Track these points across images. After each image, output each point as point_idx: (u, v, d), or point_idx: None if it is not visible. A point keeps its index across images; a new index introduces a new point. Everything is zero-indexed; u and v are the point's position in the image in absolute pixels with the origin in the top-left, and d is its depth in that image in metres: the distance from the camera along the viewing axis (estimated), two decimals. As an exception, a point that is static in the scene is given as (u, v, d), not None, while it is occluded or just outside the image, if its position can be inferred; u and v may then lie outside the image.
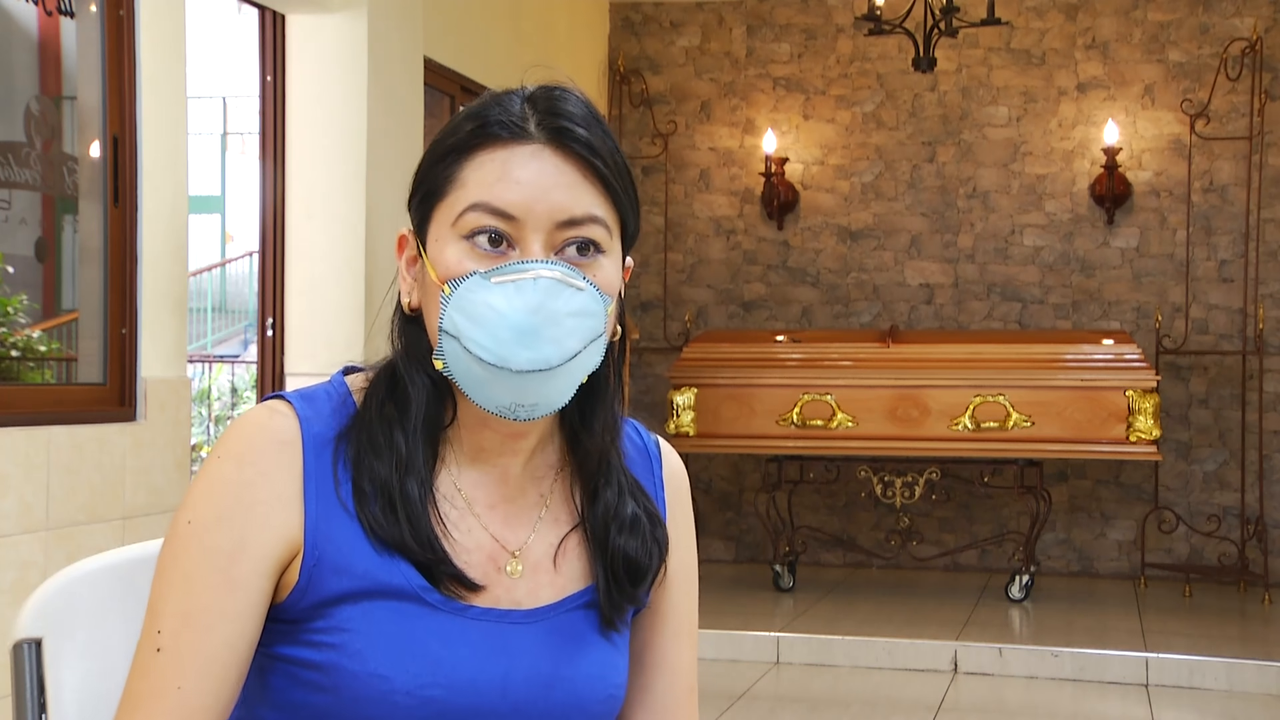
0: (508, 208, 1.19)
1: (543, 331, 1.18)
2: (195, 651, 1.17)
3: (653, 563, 1.31)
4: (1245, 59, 7.05)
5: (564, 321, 1.19)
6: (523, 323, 1.17)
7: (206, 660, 1.17)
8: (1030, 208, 7.45)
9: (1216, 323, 7.25)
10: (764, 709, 5.04)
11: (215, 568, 1.18)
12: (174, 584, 1.18)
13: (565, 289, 1.18)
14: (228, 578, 1.18)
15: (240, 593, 1.18)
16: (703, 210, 7.78)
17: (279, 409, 1.23)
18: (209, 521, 1.19)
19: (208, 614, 1.17)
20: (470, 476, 1.28)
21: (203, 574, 1.18)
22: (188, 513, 1.20)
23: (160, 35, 3.94)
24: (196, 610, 1.17)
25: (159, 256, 3.94)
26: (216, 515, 1.19)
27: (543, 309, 1.18)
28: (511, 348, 1.17)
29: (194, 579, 1.18)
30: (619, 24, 7.87)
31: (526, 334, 1.17)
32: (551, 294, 1.18)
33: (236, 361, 11.43)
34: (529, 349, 1.18)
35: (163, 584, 1.19)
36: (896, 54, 7.44)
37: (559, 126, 1.21)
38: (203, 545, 1.18)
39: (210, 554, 1.18)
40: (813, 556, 7.49)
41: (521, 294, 1.17)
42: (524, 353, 1.17)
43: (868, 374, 6.46)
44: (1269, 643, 5.80)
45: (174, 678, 1.16)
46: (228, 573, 1.18)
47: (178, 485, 3.94)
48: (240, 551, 1.18)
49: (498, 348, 1.17)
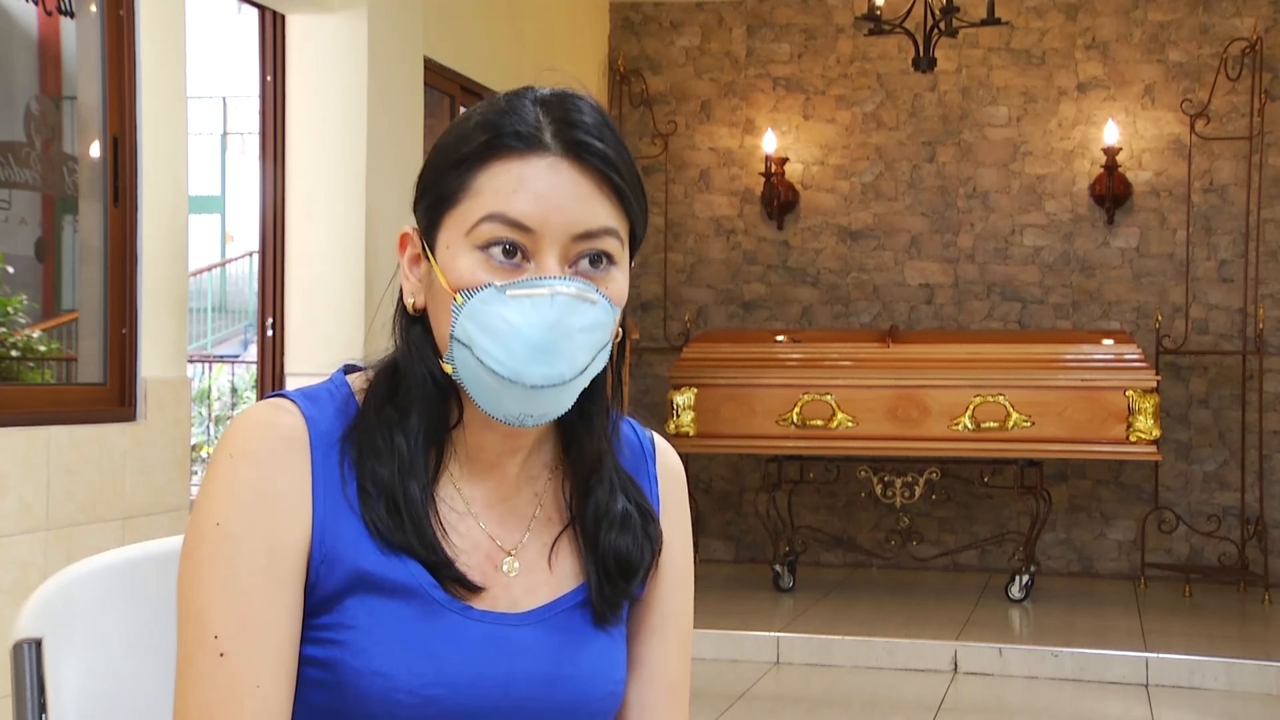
0: (524, 220, 1.19)
1: (557, 347, 1.18)
2: (263, 651, 1.17)
3: (644, 558, 1.31)
4: (1245, 59, 7.05)
5: (577, 337, 1.19)
6: (539, 339, 1.17)
7: (275, 658, 1.17)
8: (1030, 208, 7.44)
9: (1216, 323, 7.25)
10: (764, 709, 5.03)
11: (258, 568, 1.17)
12: (218, 589, 1.17)
13: (580, 304, 1.18)
14: (272, 576, 1.18)
15: (288, 590, 1.19)
16: (703, 210, 7.78)
17: (284, 406, 1.23)
18: (240, 522, 1.18)
19: (263, 614, 1.17)
20: (470, 477, 1.28)
21: (247, 575, 1.17)
22: (213, 515, 1.19)
23: (160, 35, 3.93)
24: (251, 612, 1.17)
25: (159, 256, 3.94)
26: (246, 515, 1.18)
27: (559, 325, 1.18)
28: (526, 363, 1.17)
29: (239, 581, 1.17)
30: (619, 24, 7.87)
31: (542, 350, 1.17)
32: (567, 311, 1.18)
33: (236, 361, 11.44)
34: (543, 365, 1.17)
35: (203, 590, 1.18)
36: (896, 54, 7.44)
37: (575, 139, 1.20)
38: (239, 547, 1.18)
39: (249, 555, 1.18)
40: (813, 556, 7.49)
41: (538, 310, 1.17)
42: (538, 369, 1.17)
43: (868, 374, 6.46)
44: (1269, 643, 5.79)
45: (249, 678, 1.16)
46: (271, 571, 1.18)
47: (178, 485, 3.94)
48: (278, 548, 1.18)
49: (512, 362, 1.17)
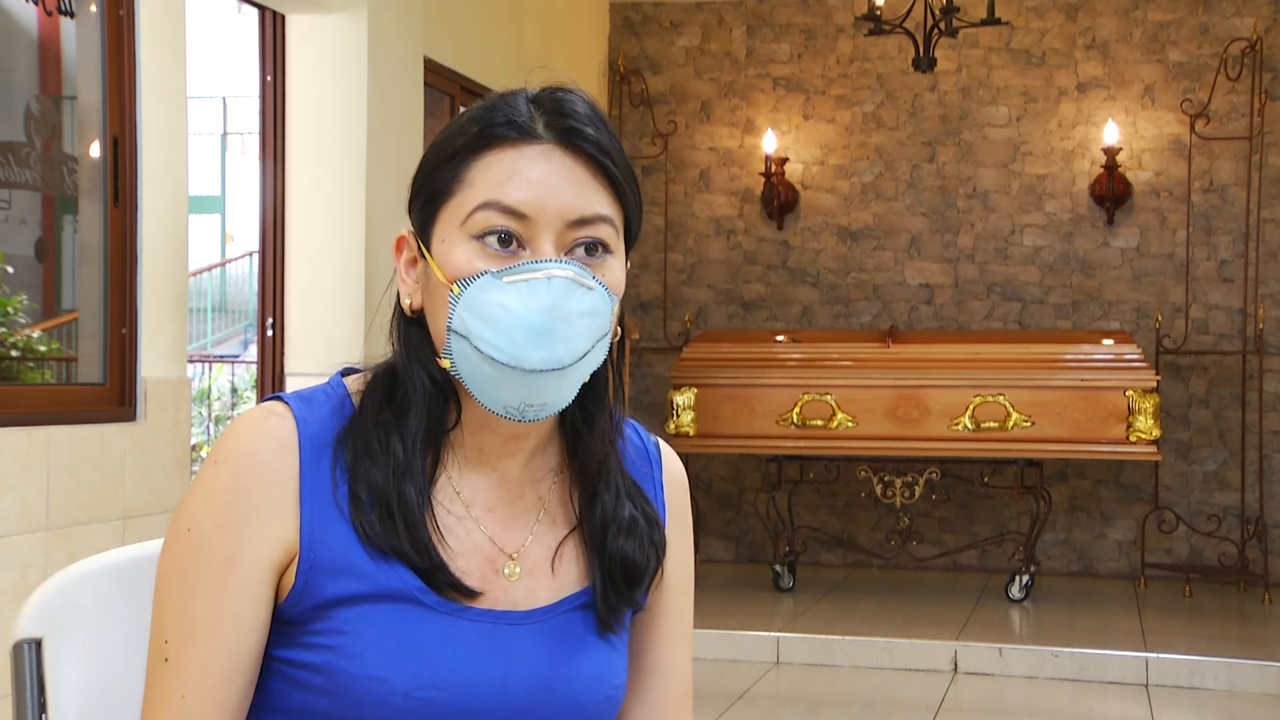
0: (519, 206, 1.19)
1: (555, 331, 1.18)
2: (197, 659, 1.18)
3: (650, 565, 1.31)
4: (1245, 59, 7.05)
5: (575, 321, 1.19)
6: (536, 322, 1.17)
7: (207, 668, 1.18)
8: (1030, 208, 7.44)
9: (1216, 323, 7.25)
10: (764, 709, 5.03)
11: (213, 576, 1.19)
12: (176, 593, 1.19)
13: (577, 288, 1.19)
14: (225, 585, 1.19)
15: (238, 599, 1.19)
16: (703, 210, 7.77)
17: (276, 410, 1.23)
18: (207, 529, 1.19)
19: (207, 622, 1.18)
20: (470, 479, 1.28)
21: (201, 582, 1.18)
22: (186, 520, 1.20)
23: (160, 35, 3.93)
24: (197, 618, 1.18)
25: (159, 256, 3.94)
26: (214, 523, 1.19)
27: (556, 308, 1.18)
28: (524, 347, 1.17)
29: (193, 587, 1.19)
30: (619, 24, 7.87)
31: (540, 333, 1.17)
32: (564, 293, 1.18)
33: (236, 361, 11.43)
34: (542, 348, 1.17)
35: (165, 593, 1.20)
36: (896, 54, 7.44)
37: (568, 126, 1.21)
38: (201, 553, 1.19)
39: (209, 561, 1.19)
40: (813, 556, 7.49)
41: (535, 293, 1.17)
42: (537, 352, 1.17)
43: (868, 374, 6.46)
44: (1269, 643, 5.79)
45: (178, 687, 1.18)
46: (224, 581, 1.19)
47: (178, 485, 3.94)
48: (237, 558, 1.19)
49: (510, 347, 1.17)
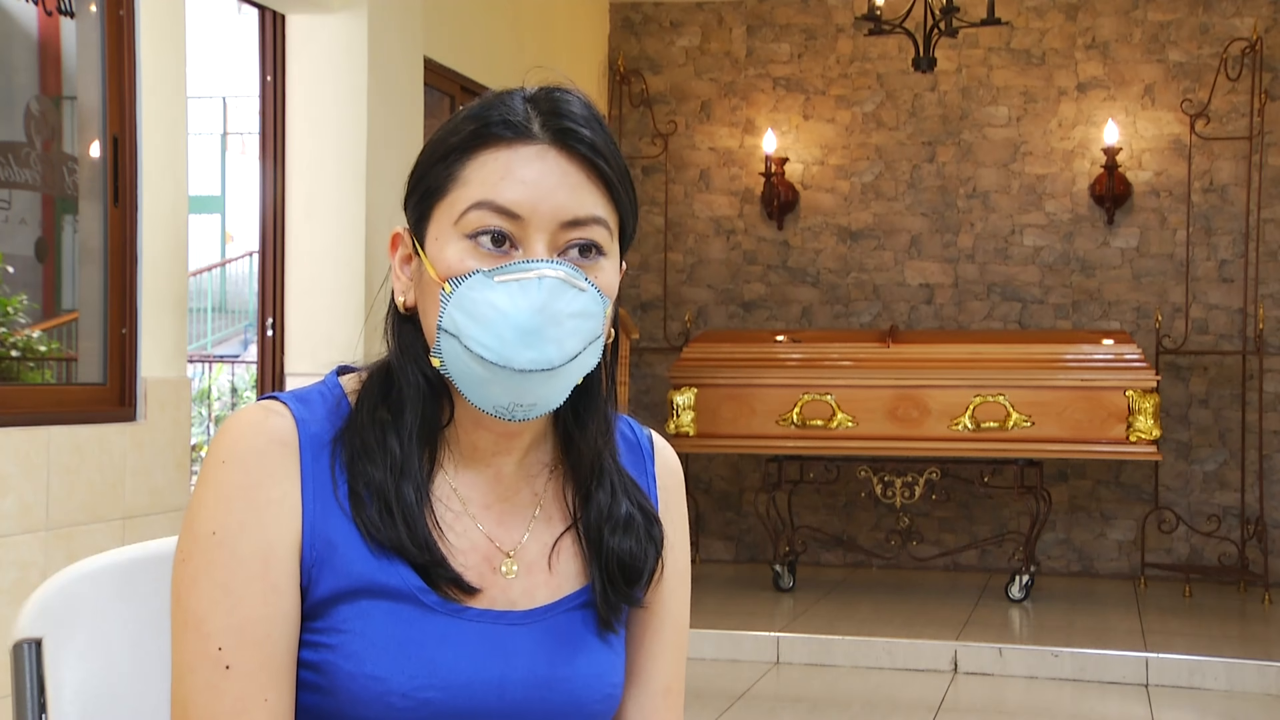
0: (512, 206, 1.19)
1: (545, 331, 1.17)
2: (266, 663, 1.16)
3: (648, 561, 1.31)
4: (1245, 59, 7.05)
5: (566, 322, 1.18)
6: (526, 322, 1.17)
7: (277, 668, 1.17)
8: (1030, 208, 7.44)
9: (1216, 323, 7.25)
10: (764, 709, 5.03)
11: (253, 575, 1.17)
12: (215, 598, 1.17)
13: (568, 289, 1.18)
14: (268, 584, 1.18)
15: (283, 596, 1.18)
16: (703, 210, 7.77)
17: (274, 409, 1.23)
18: (233, 530, 1.18)
19: (262, 623, 1.17)
20: (465, 477, 1.28)
21: (242, 584, 1.17)
22: (206, 523, 1.18)
23: (160, 35, 3.94)
24: (249, 622, 1.17)
25: (159, 256, 3.94)
26: (239, 522, 1.18)
27: (546, 309, 1.17)
28: (514, 347, 1.17)
29: (234, 590, 1.17)
30: (619, 24, 7.87)
31: (530, 334, 1.17)
32: (555, 294, 1.18)
33: (236, 361, 11.44)
34: (531, 349, 1.17)
35: (200, 599, 1.17)
36: (896, 54, 7.44)
37: (563, 127, 1.21)
38: (234, 556, 1.17)
39: (243, 563, 1.17)
40: (813, 556, 7.49)
41: (526, 294, 1.17)
42: (526, 352, 1.17)
43: (868, 374, 6.46)
44: (1269, 643, 5.79)
45: (257, 691, 1.16)
46: (266, 579, 1.18)
47: (178, 485, 3.94)
48: (271, 555, 1.18)
49: (500, 347, 1.17)
